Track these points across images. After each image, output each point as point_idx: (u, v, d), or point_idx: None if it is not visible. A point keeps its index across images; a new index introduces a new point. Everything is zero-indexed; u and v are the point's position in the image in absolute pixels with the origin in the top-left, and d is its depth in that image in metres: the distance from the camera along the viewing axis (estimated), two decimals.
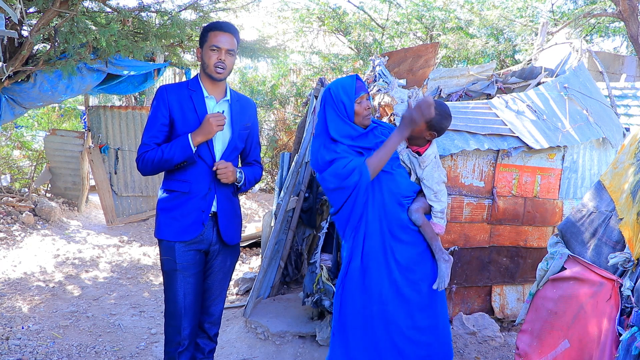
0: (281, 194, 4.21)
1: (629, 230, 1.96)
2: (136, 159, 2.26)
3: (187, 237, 2.26)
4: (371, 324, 2.28)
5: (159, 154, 2.19)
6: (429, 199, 2.39)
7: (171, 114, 2.25)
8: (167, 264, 2.27)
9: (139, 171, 2.28)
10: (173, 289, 2.27)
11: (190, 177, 2.26)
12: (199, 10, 5.87)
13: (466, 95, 4.54)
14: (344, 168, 2.22)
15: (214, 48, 2.21)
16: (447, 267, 2.31)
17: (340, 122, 2.31)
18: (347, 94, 2.30)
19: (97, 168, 7.39)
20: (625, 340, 1.76)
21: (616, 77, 6.42)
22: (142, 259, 5.83)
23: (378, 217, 2.29)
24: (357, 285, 2.30)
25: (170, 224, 2.26)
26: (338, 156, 2.26)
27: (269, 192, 9.88)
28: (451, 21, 9.81)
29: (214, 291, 2.45)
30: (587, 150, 3.85)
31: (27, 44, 4.51)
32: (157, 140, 2.25)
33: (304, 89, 9.87)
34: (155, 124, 2.25)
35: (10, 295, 4.35)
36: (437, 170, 2.42)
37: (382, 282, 2.28)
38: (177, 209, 2.26)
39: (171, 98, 2.25)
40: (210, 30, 2.24)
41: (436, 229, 2.36)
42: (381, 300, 2.28)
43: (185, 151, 2.18)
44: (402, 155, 2.43)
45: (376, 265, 2.28)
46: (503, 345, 3.46)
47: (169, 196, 2.28)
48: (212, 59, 2.22)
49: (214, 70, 2.23)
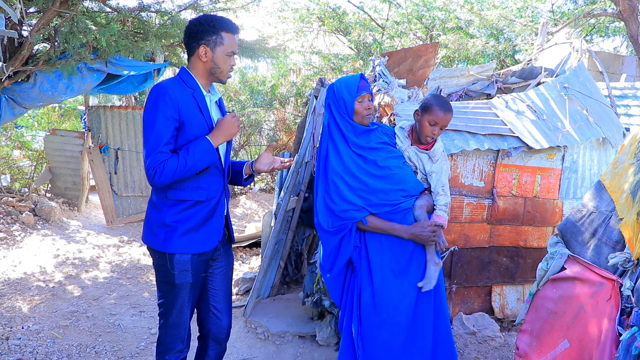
0: (281, 194, 4.21)
1: (629, 230, 1.96)
2: (150, 171, 1.95)
3: (207, 248, 2.13)
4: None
5: (182, 163, 1.95)
6: (437, 192, 2.40)
7: (181, 115, 2.00)
8: (181, 278, 2.09)
9: (154, 184, 1.98)
10: (181, 301, 2.14)
11: (204, 183, 2.10)
12: (199, 10, 5.87)
13: (466, 95, 4.54)
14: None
15: (230, 54, 2.08)
16: (436, 270, 2.32)
17: (340, 119, 2.35)
18: (348, 91, 2.33)
19: (97, 168, 7.40)
20: (625, 340, 1.76)
21: (616, 77, 6.42)
22: (142, 259, 5.83)
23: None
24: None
25: (189, 236, 2.08)
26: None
27: (269, 192, 9.88)
28: (451, 21, 9.81)
29: (222, 301, 2.33)
30: (587, 150, 3.85)
31: (27, 44, 4.51)
32: (171, 147, 2.00)
33: (304, 89, 9.86)
34: (168, 128, 1.97)
35: (10, 295, 4.35)
36: (445, 163, 2.46)
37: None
38: (193, 218, 2.08)
39: (179, 97, 2.01)
40: (224, 31, 2.06)
41: (440, 220, 2.36)
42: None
43: (210, 156, 2.02)
44: (409, 153, 2.43)
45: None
46: (503, 345, 3.46)
47: (179, 206, 2.07)
48: (227, 64, 2.09)
49: (226, 75, 2.12)
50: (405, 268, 2.33)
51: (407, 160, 2.44)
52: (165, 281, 2.14)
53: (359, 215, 2.31)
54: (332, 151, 2.40)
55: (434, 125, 2.34)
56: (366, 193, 2.32)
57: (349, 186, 2.34)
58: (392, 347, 2.30)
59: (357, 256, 2.37)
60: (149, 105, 2.00)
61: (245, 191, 9.99)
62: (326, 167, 2.40)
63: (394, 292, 2.31)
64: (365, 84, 2.34)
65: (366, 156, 2.36)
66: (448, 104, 2.36)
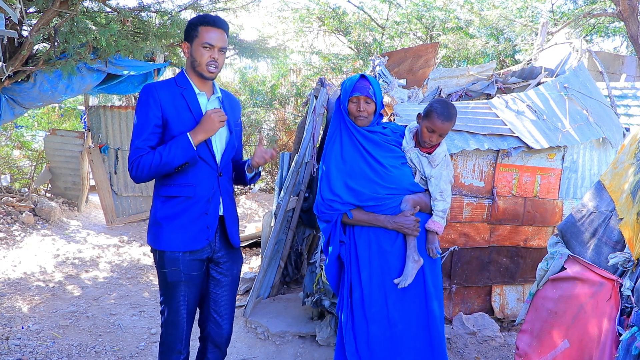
0: (281, 194, 4.20)
1: (629, 230, 1.96)
2: (129, 166, 2.05)
3: (196, 246, 2.12)
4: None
5: (156, 158, 2.01)
6: (434, 197, 2.39)
7: (164, 113, 2.06)
8: (172, 276, 2.12)
9: (133, 178, 2.07)
10: (176, 300, 2.15)
11: (193, 180, 2.11)
12: (199, 10, 5.87)
13: (466, 95, 4.54)
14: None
15: (206, 46, 2.06)
16: (414, 267, 2.31)
17: (344, 115, 2.42)
18: (345, 90, 2.38)
19: (97, 168, 7.40)
20: (625, 340, 1.76)
21: (616, 77, 6.43)
22: (142, 259, 5.83)
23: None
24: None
25: (175, 233, 2.10)
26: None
27: (269, 192, 9.88)
28: (451, 21, 9.81)
29: (224, 305, 2.30)
30: (587, 150, 3.85)
31: (27, 44, 4.51)
32: (150, 143, 2.06)
33: (304, 89, 9.86)
34: (148, 125, 2.04)
35: (10, 295, 4.35)
36: (446, 168, 2.43)
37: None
38: (182, 216, 2.10)
39: (162, 96, 2.06)
40: (201, 25, 2.07)
41: (435, 226, 2.36)
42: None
43: (186, 152, 2.02)
44: (411, 154, 2.43)
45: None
46: (503, 345, 3.46)
47: (169, 203, 2.11)
48: (204, 57, 2.07)
49: (205, 69, 2.09)
50: (394, 263, 2.34)
51: (408, 161, 2.44)
52: (161, 280, 2.18)
53: (343, 209, 2.34)
54: (334, 142, 2.44)
55: (432, 132, 2.32)
56: (356, 187, 2.34)
57: (339, 179, 2.36)
58: (382, 342, 2.31)
59: (346, 252, 2.39)
60: (136, 105, 2.10)
61: (245, 191, 9.99)
62: (325, 156, 2.46)
63: (382, 288, 2.32)
64: (362, 85, 2.32)
65: (365, 153, 2.37)
66: (450, 112, 2.30)
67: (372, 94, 2.32)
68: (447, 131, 2.35)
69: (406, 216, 2.30)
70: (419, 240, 2.36)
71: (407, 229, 2.30)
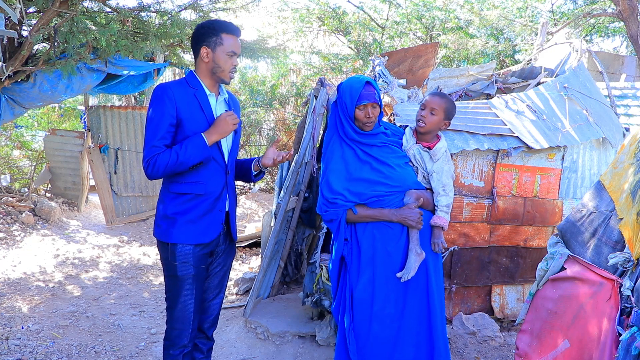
0: (281, 194, 4.20)
1: (628, 230, 1.96)
2: (144, 164, 2.12)
3: (208, 239, 2.22)
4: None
5: (173, 157, 2.07)
6: (437, 193, 2.40)
7: (179, 113, 2.13)
8: (183, 269, 2.19)
9: (147, 176, 2.14)
10: (184, 294, 2.22)
11: (204, 178, 2.20)
12: (199, 10, 5.87)
13: (466, 95, 4.54)
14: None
15: (231, 54, 2.17)
16: (417, 260, 2.31)
17: (344, 119, 2.40)
18: (350, 97, 2.35)
19: (97, 168, 7.39)
20: (625, 340, 1.76)
21: (616, 77, 6.43)
22: (142, 259, 5.83)
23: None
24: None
25: (188, 227, 2.18)
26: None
27: (268, 192, 9.88)
28: (451, 21, 9.81)
29: (214, 291, 2.43)
30: (587, 150, 3.85)
31: (27, 44, 4.51)
32: (166, 142, 2.13)
33: (303, 89, 9.86)
34: (163, 124, 2.11)
35: (10, 295, 4.35)
36: (447, 163, 2.46)
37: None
38: (193, 211, 2.19)
39: (177, 96, 2.14)
40: (223, 32, 2.16)
41: (440, 221, 2.37)
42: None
43: (202, 152, 2.11)
44: (413, 151, 2.44)
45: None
46: (503, 345, 3.46)
47: (180, 199, 2.19)
48: (228, 64, 2.18)
49: (228, 75, 2.21)
50: (397, 261, 2.34)
51: (411, 158, 2.45)
52: (169, 275, 2.24)
53: (347, 205, 2.35)
54: (333, 143, 2.45)
55: (423, 109, 2.41)
56: (358, 187, 2.34)
57: (341, 179, 2.37)
58: (383, 340, 2.32)
59: (348, 251, 2.39)
60: (150, 103, 2.15)
61: (245, 191, 10.00)
62: (326, 156, 2.47)
63: (384, 285, 2.33)
64: (368, 92, 2.31)
65: (367, 153, 2.38)
66: (440, 93, 2.44)
67: (378, 99, 2.35)
68: (438, 107, 2.40)
69: (410, 208, 2.31)
70: (422, 236, 2.37)
71: (412, 222, 2.30)
